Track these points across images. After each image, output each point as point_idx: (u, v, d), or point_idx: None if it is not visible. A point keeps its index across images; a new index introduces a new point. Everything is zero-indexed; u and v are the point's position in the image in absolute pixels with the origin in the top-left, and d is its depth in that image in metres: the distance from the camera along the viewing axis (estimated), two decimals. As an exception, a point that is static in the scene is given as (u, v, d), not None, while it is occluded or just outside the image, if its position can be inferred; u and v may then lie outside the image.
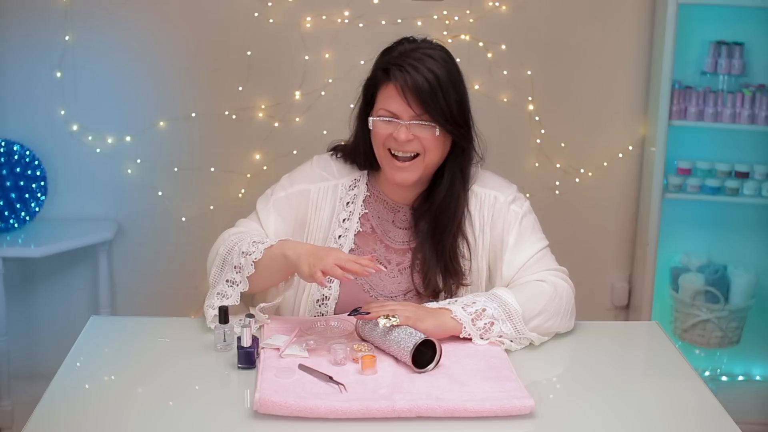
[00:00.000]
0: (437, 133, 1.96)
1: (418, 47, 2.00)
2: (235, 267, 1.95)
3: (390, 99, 1.96)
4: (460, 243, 2.06)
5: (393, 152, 1.99)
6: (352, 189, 2.11)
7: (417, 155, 1.99)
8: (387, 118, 1.97)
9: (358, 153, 2.09)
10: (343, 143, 2.15)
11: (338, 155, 2.14)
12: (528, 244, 2.06)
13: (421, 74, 1.94)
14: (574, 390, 1.78)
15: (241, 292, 1.96)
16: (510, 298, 1.91)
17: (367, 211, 2.10)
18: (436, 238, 2.05)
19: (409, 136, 1.96)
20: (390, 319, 1.80)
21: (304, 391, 1.65)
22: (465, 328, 1.87)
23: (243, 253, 1.94)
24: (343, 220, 2.09)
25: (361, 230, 2.09)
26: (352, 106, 2.10)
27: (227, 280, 1.97)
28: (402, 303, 1.91)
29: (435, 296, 2.04)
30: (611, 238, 3.61)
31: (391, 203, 2.11)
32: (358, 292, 2.06)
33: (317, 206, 2.09)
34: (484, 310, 1.89)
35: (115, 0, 3.32)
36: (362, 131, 2.05)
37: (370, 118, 1.99)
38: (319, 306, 2.06)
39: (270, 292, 2.06)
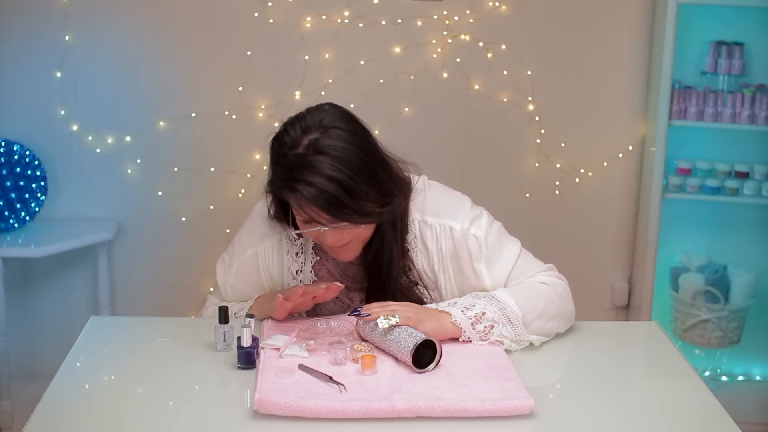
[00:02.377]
0: (361, 227, 1.86)
1: (305, 132, 1.81)
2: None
3: (301, 210, 1.82)
4: (417, 278, 2.00)
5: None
6: (298, 238, 2.03)
7: (351, 240, 1.91)
8: (307, 230, 1.86)
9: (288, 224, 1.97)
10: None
11: (272, 214, 2.01)
12: (503, 259, 1.98)
13: (316, 187, 1.75)
14: (574, 390, 1.78)
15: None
16: (510, 301, 1.90)
17: (318, 257, 2.05)
18: (381, 284, 2.00)
19: (336, 236, 1.86)
20: (390, 319, 1.80)
21: (304, 391, 1.65)
22: (465, 332, 1.87)
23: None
24: (296, 272, 2.04)
25: (315, 279, 2.04)
26: (352, 106, 2.10)
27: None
28: (402, 304, 1.90)
29: None
30: (611, 238, 3.61)
31: None
32: None
33: (267, 265, 2.05)
34: (483, 313, 1.88)
35: (115, 0, 3.33)
36: (281, 216, 1.96)
37: (291, 231, 1.90)
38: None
39: None
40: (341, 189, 1.77)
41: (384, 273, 1.98)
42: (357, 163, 1.80)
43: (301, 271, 2.04)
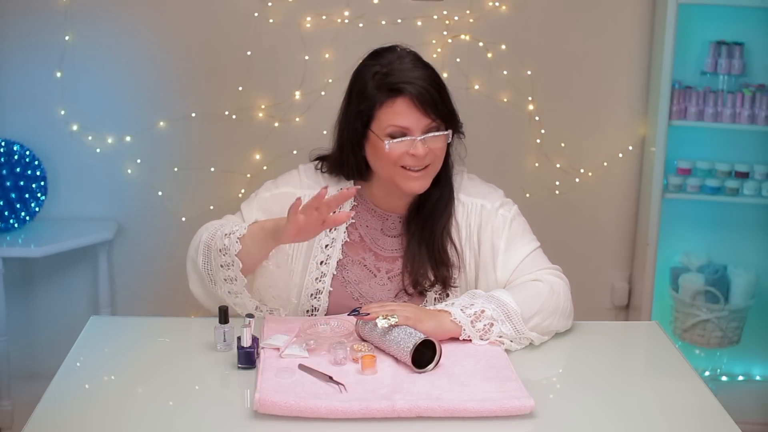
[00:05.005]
0: (449, 139, 1.98)
1: (398, 57, 1.99)
2: (220, 250, 1.96)
3: (400, 116, 1.94)
4: (449, 248, 2.06)
5: (406, 167, 1.98)
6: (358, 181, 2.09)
7: (428, 165, 1.99)
8: (401, 139, 1.94)
9: (348, 166, 2.06)
10: (325, 154, 2.12)
11: (323, 169, 2.11)
12: (519, 246, 2.06)
13: (423, 82, 1.95)
14: (574, 390, 1.78)
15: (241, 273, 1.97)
16: (508, 298, 1.91)
17: (354, 220, 2.09)
18: (427, 231, 2.05)
19: (425, 149, 1.95)
20: (389, 319, 1.80)
21: (304, 391, 1.65)
22: (465, 330, 1.87)
23: (225, 235, 1.96)
24: (330, 229, 2.08)
25: (348, 240, 2.08)
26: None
27: (221, 265, 1.96)
28: (401, 304, 1.91)
29: (422, 296, 2.05)
30: (611, 238, 3.61)
31: (380, 212, 2.10)
32: (348, 301, 2.06)
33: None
34: (483, 311, 1.88)
35: (115, 0, 3.33)
36: (353, 145, 2.02)
37: (386, 142, 1.94)
38: (309, 316, 2.06)
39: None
40: (441, 87, 1.99)
41: (437, 212, 2.04)
42: (440, 76, 2.02)
43: (335, 229, 2.07)
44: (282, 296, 2.04)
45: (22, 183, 3.31)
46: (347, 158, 2.05)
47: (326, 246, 2.07)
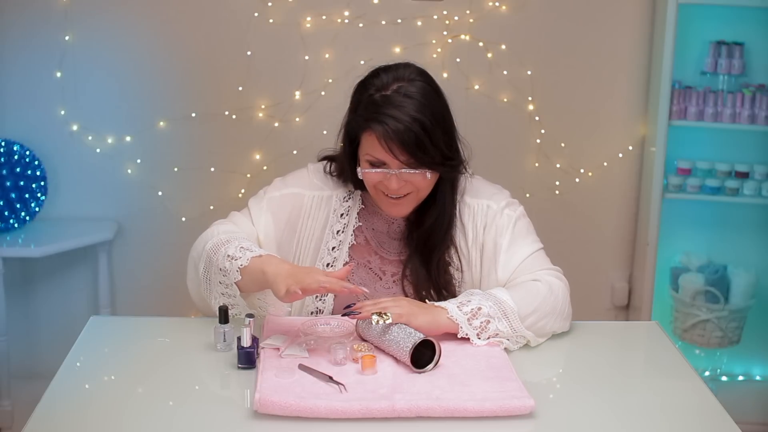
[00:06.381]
0: (428, 176, 1.95)
1: (396, 80, 1.94)
2: (221, 270, 1.92)
3: (375, 148, 1.92)
4: (453, 256, 2.06)
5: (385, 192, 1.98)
6: (347, 201, 2.10)
7: (408, 193, 1.98)
8: (375, 170, 1.94)
9: (347, 177, 2.07)
10: (333, 154, 2.12)
11: (332, 172, 2.11)
12: (522, 246, 2.05)
13: (403, 124, 1.88)
14: (574, 390, 1.78)
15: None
16: (505, 296, 1.91)
17: (361, 223, 2.10)
18: (425, 255, 2.05)
19: (400, 183, 1.94)
20: (382, 317, 1.80)
21: (304, 391, 1.65)
22: (462, 328, 1.86)
23: (228, 256, 1.91)
24: (337, 232, 2.08)
25: (354, 243, 2.09)
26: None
27: (220, 282, 1.95)
28: (395, 299, 1.89)
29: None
30: (611, 238, 3.61)
31: (386, 216, 2.10)
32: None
33: (310, 214, 2.08)
34: (479, 308, 1.88)
35: (115, 0, 3.33)
36: (348, 160, 2.02)
37: (359, 169, 1.96)
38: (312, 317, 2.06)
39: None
40: (423, 131, 1.90)
41: (433, 239, 2.03)
42: (439, 116, 1.94)
43: (342, 231, 2.08)
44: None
45: (22, 183, 3.31)
46: (345, 168, 2.06)
47: (333, 248, 2.08)
